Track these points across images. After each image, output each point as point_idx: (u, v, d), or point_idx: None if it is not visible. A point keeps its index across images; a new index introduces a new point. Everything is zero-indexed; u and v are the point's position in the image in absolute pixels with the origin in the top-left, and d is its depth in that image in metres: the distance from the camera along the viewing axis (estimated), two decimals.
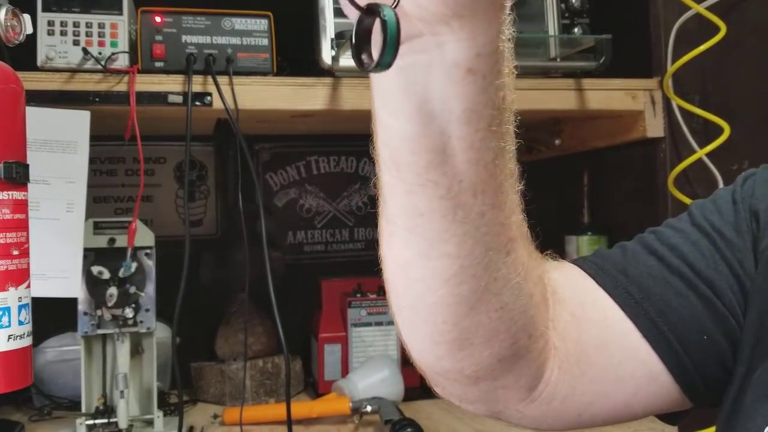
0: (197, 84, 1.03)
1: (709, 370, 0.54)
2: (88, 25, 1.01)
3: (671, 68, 1.13)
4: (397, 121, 0.41)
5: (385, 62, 0.33)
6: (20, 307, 0.59)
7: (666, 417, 0.61)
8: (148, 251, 1.14)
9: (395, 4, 0.33)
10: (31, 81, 0.97)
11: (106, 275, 1.10)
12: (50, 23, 1.00)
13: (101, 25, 1.02)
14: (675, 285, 0.55)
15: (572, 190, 1.46)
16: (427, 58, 0.38)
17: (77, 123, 0.99)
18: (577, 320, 0.55)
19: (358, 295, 1.37)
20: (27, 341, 0.59)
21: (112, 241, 1.12)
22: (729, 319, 0.54)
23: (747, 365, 0.52)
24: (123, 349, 1.13)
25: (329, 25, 1.08)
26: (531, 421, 0.57)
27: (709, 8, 1.11)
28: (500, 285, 0.48)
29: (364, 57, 0.34)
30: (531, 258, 0.52)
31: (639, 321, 0.54)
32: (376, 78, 0.41)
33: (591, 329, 0.55)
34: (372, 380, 1.27)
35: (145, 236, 1.13)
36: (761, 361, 0.50)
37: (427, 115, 0.40)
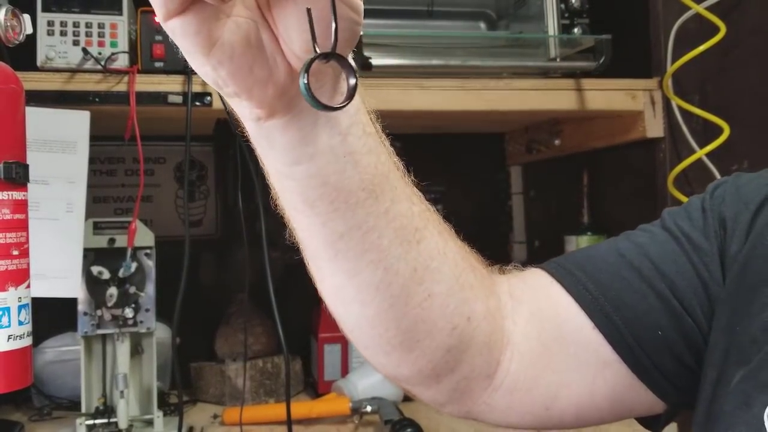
0: (197, 84, 1.03)
1: (665, 364, 0.56)
2: (88, 25, 1.01)
3: (671, 68, 1.13)
4: (300, 167, 0.46)
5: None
6: (20, 307, 0.59)
7: (646, 422, 0.62)
8: (148, 251, 1.14)
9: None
10: (31, 81, 0.97)
11: (106, 275, 1.10)
12: (50, 23, 1.00)
13: (101, 25, 1.02)
14: (632, 281, 0.58)
15: (572, 190, 1.46)
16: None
17: (77, 123, 0.99)
18: (535, 318, 0.59)
19: None
20: (27, 341, 0.59)
21: (111, 241, 1.12)
22: (685, 317, 0.56)
23: (718, 369, 0.53)
24: (123, 349, 1.13)
25: None
26: (501, 415, 0.60)
27: (709, 8, 1.11)
28: (420, 274, 0.52)
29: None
30: (449, 245, 0.55)
31: (593, 314, 0.57)
32: (265, 141, 0.47)
33: (548, 325, 0.59)
34: (372, 380, 1.27)
35: (144, 236, 1.13)
36: (738, 367, 0.51)
37: (319, 151, 0.45)
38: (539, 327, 0.58)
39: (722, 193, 0.60)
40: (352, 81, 0.37)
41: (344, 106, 0.38)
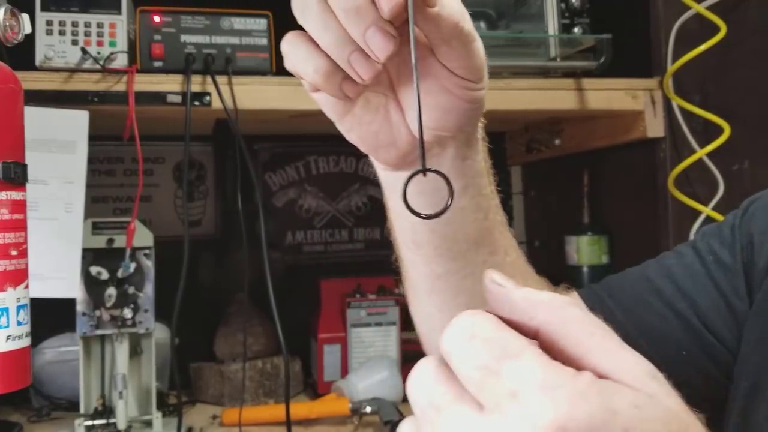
0: (196, 84, 1.03)
1: (693, 381, 0.58)
2: (87, 24, 1.01)
3: (671, 68, 1.13)
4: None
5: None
6: (19, 308, 0.58)
7: None
8: (147, 251, 1.13)
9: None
10: (30, 81, 0.97)
11: (105, 276, 1.10)
12: (49, 23, 1.00)
13: (100, 25, 1.01)
14: (655, 304, 0.61)
15: (572, 190, 1.45)
16: (436, 160, 0.49)
17: (76, 123, 0.98)
18: None
19: (358, 296, 1.37)
20: (25, 342, 0.59)
21: (110, 241, 1.12)
22: (706, 336, 0.58)
23: (752, 380, 0.54)
24: (122, 350, 1.13)
25: None
26: None
27: (710, 8, 1.11)
28: None
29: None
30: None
31: (621, 338, 0.58)
32: (389, 185, 0.52)
33: None
34: (371, 381, 1.27)
35: (143, 236, 1.13)
36: None
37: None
38: None
39: (754, 209, 0.62)
40: (450, 201, 0.40)
41: (433, 217, 0.41)
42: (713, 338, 0.58)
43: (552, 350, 0.31)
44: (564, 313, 0.32)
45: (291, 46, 0.42)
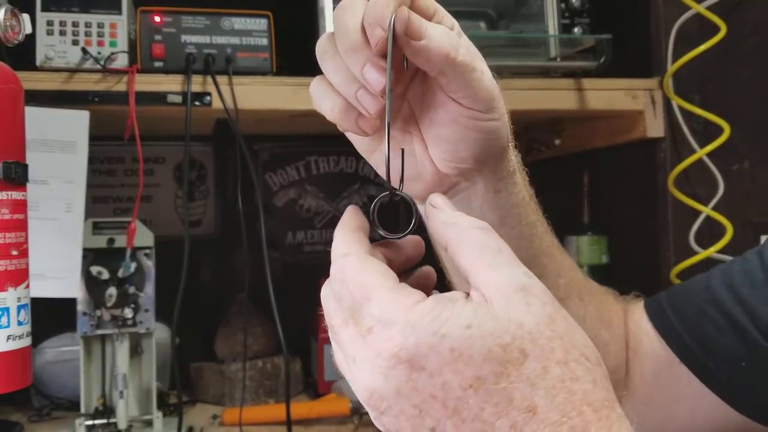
0: (197, 84, 1.03)
1: (757, 392, 0.58)
2: (87, 24, 1.01)
3: (671, 68, 1.13)
4: None
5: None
6: (19, 308, 0.58)
7: None
8: (148, 251, 1.13)
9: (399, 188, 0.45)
10: (30, 81, 0.97)
11: (106, 275, 1.10)
12: (49, 23, 1.00)
13: (100, 25, 1.01)
14: (714, 316, 0.60)
15: (572, 190, 1.45)
16: (466, 194, 0.51)
17: (76, 123, 0.98)
18: (637, 355, 0.62)
19: None
20: (26, 341, 0.59)
21: (111, 241, 1.12)
22: (763, 346, 0.57)
23: None
24: (122, 350, 1.13)
25: (329, 25, 1.07)
26: None
27: (709, 8, 1.11)
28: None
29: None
30: (588, 308, 0.59)
31: (678, 350, 0.60)
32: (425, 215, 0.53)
33: (647, 362, 0.62)
34: None
35: (144, 236, 1.13)
36: None
37: None
38: (640, 363, 0.62)
39: None
40: (414, 223, 0.43)
41: (399, 238, 0.43)
42: None
43: (456, 265, 0.39)
44: (465, 233, 0.39)
45: (315, 89, 0.47)
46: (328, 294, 0.41)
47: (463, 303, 0.36)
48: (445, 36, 0.44)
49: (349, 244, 0.40)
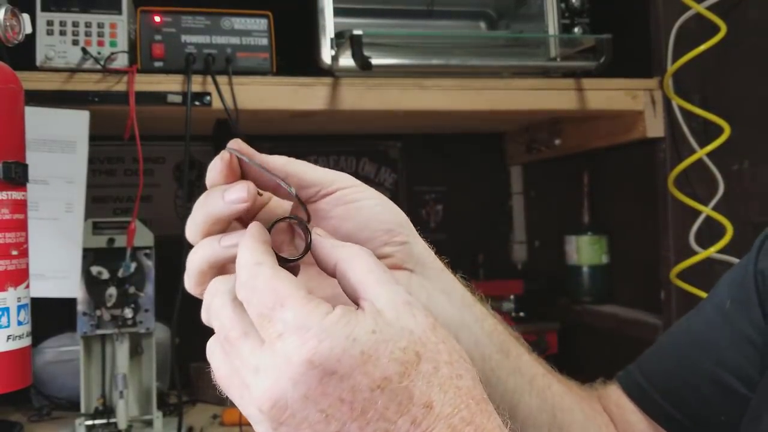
0: (196, 84, 1.03)
1: None
2: (87, 24, 1.01)
3: (671, 68, 1.13)
4: None
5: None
6: (19, 308, 0.58)
7: None
8: (148, 251, 1.13)
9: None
10: (30, 81, 0.97)
11: (106, 275, 1.10)
12: (49, 23, 1.00)
13: (100, 25, 1.01)
14: (684, 376, 0.62)
15: (572, 190, 1.45)
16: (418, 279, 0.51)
17: (76, 123, 0.98)
18: None
19: None
20: (26, 341, 0.59)
21: (111, 241, 1.12)
22: (739, 389, 0.59)
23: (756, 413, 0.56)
24: (122, 350, 1.13)
25: (329, 25, 1.07)
26: None
27: (709, 8, 1.11)
28: (560, 417, 0.56)
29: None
30: (569, 383, 0.60)
31: (666, 423, 0.62)
32: None
33: None
34: None
35: (144, 236, 1.13)
36: None
37: (456, 325, 0.51)
38: None
39: (765, 246, 0.63)
40: (308, 242, 0.44)
41: (296, 260, 0.44)
42: (747, 390, 0.58)
43: (342, 279, 0.41)
44: (355, 253, 0.42)
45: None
46: (222, 312, 0.42)
47: (363, 313, 0.38)
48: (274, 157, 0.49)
49: (260, 254, 0.40)
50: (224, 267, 0.46)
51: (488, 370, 0.52)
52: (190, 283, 0.48)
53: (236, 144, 0.46)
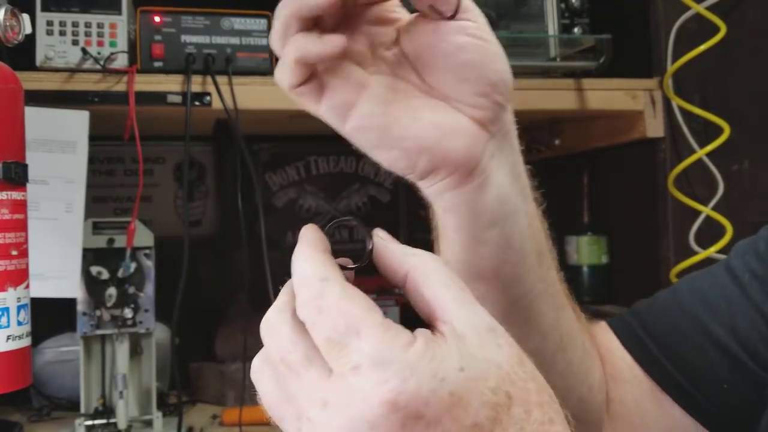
0: (196, 84, 1.03)
1: (739, 413, 0.56)
2: (87, 24, 1.01)
3: (671, 68, 1.13)
4: (495, 230, 0.48)
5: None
6: (19, 308, 0.58)
7: None
8: (147, 251, 1.13)
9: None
10: (30, 81, 0.97)
11: (105, 275, 1.10)
12: (49, 23, 1.00)
13: (100, 25, 1.01)
14: (692, 335, 0.57)
15: (572, 190, 1.45)
16: (493, 164, 0.47)
17: (76, 123, 0.98)
18: (617, 382, 0.59)
19: None
20: (26, 341, 0.59)
21: (111, 241, 1.12)
22: (748, 364, 0.55)
23: None
24: (122, 350, 1.13)
25: None
26: None
27: (709, 8, 1.11)
28: (565, 342, 0.53)
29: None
30: (576, 310, 0.57)
31: (661, 378, 0.58)
32: (466, 206, 0.48)
33: (628, 390, 0.59)
34: None
35: (144, 236, 1.13)
36: None
37: (511, 210, 0.49)
38: (622, 391, 0.59)
39: None
40: (369, 246, 0.39)
41: (354, 269, 0.39)
42: (755, 365, 0.55)
43: (415, 293, 0.36)
44: (430, 264, 0.36)
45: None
46: (279, 329, 0.35)
47: (445, 342, 0.33)
48: None
49: (325, 267, 0.35)
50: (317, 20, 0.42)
51: (521, 268, 0.49)
52: (275, 35, 0.45)
53: None
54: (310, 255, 0.36)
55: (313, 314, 0.33)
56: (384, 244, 0.38)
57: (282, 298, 0.36)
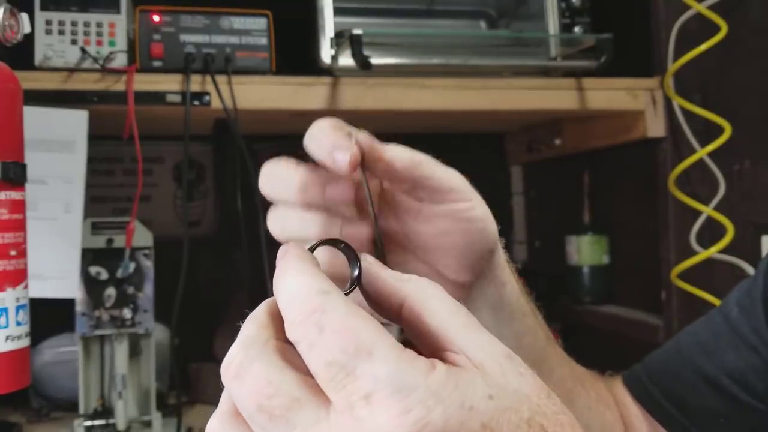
0: (196, 83, 1.03)
1: None
2: (86, 24, 1.01)
3: (672, 68, 1.13)
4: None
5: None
6: (18, 308, 0.58)
7: None
8: (147, 251, 1.13)
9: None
10: (29, 80, 0.96)
11: (104, 276, 1.10)
12: (48, 22, 0.99)
13: (99, 24, 1.01)
14: (687, 377, 0.60)
15: (572, 190, 1.45)
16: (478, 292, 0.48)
17: (75, 122, 0.98)
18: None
19: None
20: (25, 342, 0.59)
21: (110, 241, 1.12)
22: (741, 396, 0.58)
23: None
24: (121, 350, 1.13)
25: (328, 24, 1.07)
26: None
27: (710, 8, 1.11)
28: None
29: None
30: (590, 394, 0.58)
31: (665, 423, 0.61)
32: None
33: None
34: None
35: (143, 236, 1.13)
36: None
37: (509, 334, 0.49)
38: None
39: None
40: (356, 272, 0.35)
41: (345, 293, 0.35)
42: (747, 396, 0.58)
43: (415, 323, 0.31)
44: (429, 289, 0.32)
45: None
46: (245, 365, 0.29)
47: (466, 371, 0.29)
48: (401, 149, 0.43)
49: (323, 280, 0.30)
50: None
51: None
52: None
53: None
54: (302, 268, 0.32)
55: (311, 334, 0.28)
56: (374, 269, 0.34)
57: (248, 331, 0.30)
